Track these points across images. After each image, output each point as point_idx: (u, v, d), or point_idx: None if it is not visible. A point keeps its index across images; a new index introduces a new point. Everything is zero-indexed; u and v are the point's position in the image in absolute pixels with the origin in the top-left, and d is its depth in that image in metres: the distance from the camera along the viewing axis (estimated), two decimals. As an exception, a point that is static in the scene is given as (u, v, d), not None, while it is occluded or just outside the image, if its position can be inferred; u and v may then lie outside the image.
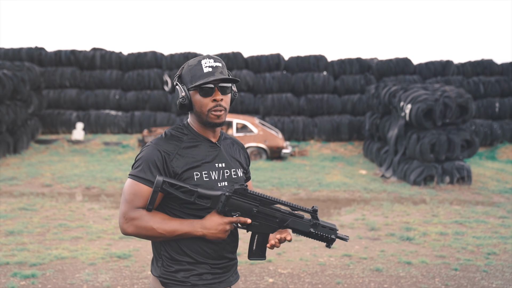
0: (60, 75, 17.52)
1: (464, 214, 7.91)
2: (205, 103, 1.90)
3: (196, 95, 1.91)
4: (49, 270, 4.86)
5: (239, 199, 1.84)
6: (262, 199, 1.87)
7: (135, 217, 1.81)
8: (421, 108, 10.75)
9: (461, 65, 18.03)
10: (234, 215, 1.85)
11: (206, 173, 1.92)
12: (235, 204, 1.84)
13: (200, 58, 1.92)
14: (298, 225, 1.92)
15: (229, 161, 2.03)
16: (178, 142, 1.93)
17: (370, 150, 13.99)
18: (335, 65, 18.10)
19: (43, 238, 6.06)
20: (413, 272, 5.08)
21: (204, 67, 1.89)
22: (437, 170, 10.60)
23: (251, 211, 1.86)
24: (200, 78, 1.87)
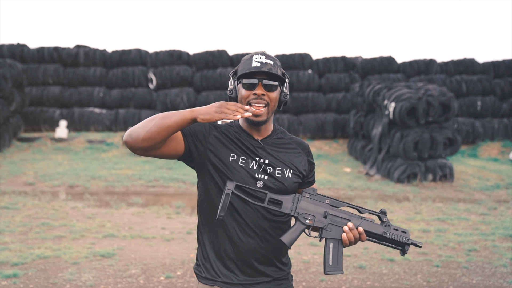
0: (43, 72, 17.30)
1: (446, 211, 8.02)
2: (245, 95, 1.89)
3: (240, 88, 1.91)
4: (31, 270, 4.82)
5: (309, 201, 1.81)
6: (332, 200, 1.84)
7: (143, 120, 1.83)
8: (405, 107, 10.85)
9: (444, 64, 18.24)
10: (306, 219, 1.81)
11: (244, 159, 1.91)
12: (307, 207, 1.80)
13: (254, 53, 1.93)
14: (371, 227, 1.84)
15: (274, 159, 1.96)
16: (226, 125, 1.97)
17: (354, 148, 14.09)
18: (320, 63, 18.15)
19: (25, 237, 6.00)
20: (395, 269, 5.14)
21: (254, 61, 1.89)
22: (420, 168, 10.71)
23: (323, 213, 1.82)
24: (246, 71, 1.89)
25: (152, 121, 1.77)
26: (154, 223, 6.95)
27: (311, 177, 2.08)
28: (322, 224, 1.83)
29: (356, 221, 1.84)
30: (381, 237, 1.84)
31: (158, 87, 17.86)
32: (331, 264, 1.85)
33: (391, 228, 1.84)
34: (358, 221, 1.84)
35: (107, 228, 6.61)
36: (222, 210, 1.73)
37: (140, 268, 5.00)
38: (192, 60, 18.06)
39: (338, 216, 1.83)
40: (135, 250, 5.61)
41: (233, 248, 1.89)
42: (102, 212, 7.60)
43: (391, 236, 1.83)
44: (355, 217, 1.85)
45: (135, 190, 9.57)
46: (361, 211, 1.87)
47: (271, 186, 1.90)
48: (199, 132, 1.91)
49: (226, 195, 1.74)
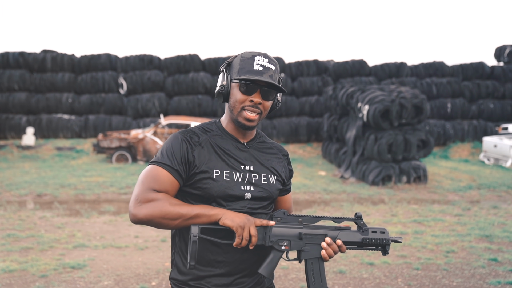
0: (8, 78, 16.80)
1: (422, 213, 8.02)
2: (241, 99, 1.76)
3: (235, 88, 1.77)
4: (-4, 285, 4.54)
5: (281, 225, 1.72)
6: (304, 218, 1.76)
7: (151, 198, 1.66)
8: (378, 109, 10.88)
9: (414, 67, 18.49)
10: (282, 245, 1.71)
11: (228, 172, 1.77)
12: (280, 232, 1.72)
13: (256, 53, 1.78)
14: (350, 237, 1.77)
15: (259, 165, 1.86)
16: (203, 133, 1.82)
17: (328, 151, 14.08)
18: (292, 67, 18.16)
19: (-10, 250, 5.69)
20: (376, 273, 5.06)
21: (256, 63, 1.75)
22: (395, 170, 10.75)
23: (297, 234, 1.73)
24: (247, 73, 1.74)
25: (175, 214, 1.66)
26: (127, 231, 6.71)
27: (288, 185, 2.02)
28: (299, 247, 1.75)
29: (333, 233, 1.77)
30: (361, 243, 1.79)
31: (129, 92, 17.55)
32: (315, 283, 1.79)
33: (369, 232, 1.79)
34: (335, 233, 1.77)
35: (77, 238, 6.35)
36: (192, 259, 1.64)
37: (113, 279, 4.78)
38: (164, 65, 17.82)
39: (314, 234, 1.76)
40: (107, 261, 5.38)
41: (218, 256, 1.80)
42: (72, 221, 7.32)
43: (370, 241, 1.78)
44: (331, 229, 1.79)
45: (106, 198, 9.28)
46: (336, 221, 1.80)
47: (258, 195, 1.81)
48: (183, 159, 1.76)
49: (193, 242, 1.62)
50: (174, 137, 1.80)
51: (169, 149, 1.76)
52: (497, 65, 18.73)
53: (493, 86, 17.93)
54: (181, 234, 1.84)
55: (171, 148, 1.76)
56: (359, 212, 1.79)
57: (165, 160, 1.74)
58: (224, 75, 1.80)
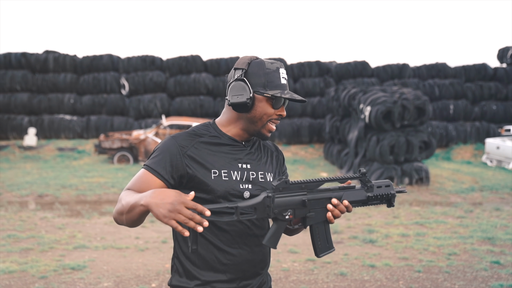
0: (10, 79, 16.81)
1: (424, 215, 7.99)
2: (270, 113, 1.76)
3: (264, 102, 1.74)
4: (-5, 286, 4.53)
5: (284, 195, 1.65)
6: (307, 185, 1.68)
7: (120, 197, 1.65)
8: (380, 110, 10.84)
9: (416, 68, 18.44)
10: (286, 215, 1.64)
11: (226, 172, 1.74)
12: (283, 202, 1.64)
13: (277, 64, 1.78)
14: (354, 196, 1.71)
15: (256, 163, 1.84)
16: (197, 136, 1.78)
17: (330, 152, 14.04)
18: (294, 68, 18.14)
19: (-10, 250, 5.68)
20: (377, 275, 5.02)
21: (281, 77, 1.76)
22: (397, 172, 10.71)
23: (302, 202, 1.66)
24: (277, 87, 1.74)
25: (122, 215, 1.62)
26: (128, 232, 6.69)
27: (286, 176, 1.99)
28: (303, 214, 1.69)
29: (338, 194, 1.71)
30: (366, 201, 1.73)
31: (131, 93, 17.55)
32: (321, 245, 1.76)
33: (374, 188, 1.73)
34: (340, 194, 1.71)
35: (78, 239, 6.33)
36: (194, 243, 1.55)
37: (113, 281, 4.76)
38: (166, 66, 17.82)
39: (318, 199, 1.69)
40: (108, 262, 5.36)
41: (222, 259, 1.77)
42: (72, 222, 7.31)
43: (376, 197, 1.73)
44: (336, 191, 1.72)
45: (107, 199, 9.27)
46: (340, 181, 1.74)
47: (256, 193, 1.78)
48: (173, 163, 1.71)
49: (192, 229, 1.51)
50: (168, 140, 1.76)
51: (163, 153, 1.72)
52: (500, 67, 18.68)
53: (496, 87, 17.87)
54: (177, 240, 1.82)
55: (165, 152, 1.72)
56: (363, 168, 1.72)
57: (151, 164, 1.70)
58: (248, 86, 1.73)
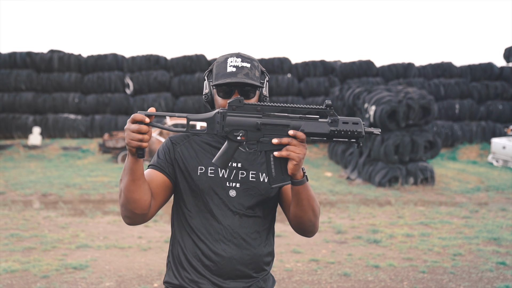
0: (15, 78, 16.84)
1: (428, 215, 7.92)
2: (222, 104, 1.74)
3: (215, 94, 1.77)
4: (-3, 285, 4.51)
5: (237, 114, 1.57)
6: (263, 107, 1.58)
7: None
8: (385, 110, 10.78)
9: (422, 68, 18.34)
10: (237, 136, 1.57)
11: (213, 169, 1.75)
12: (235, 122, 1.57)
13: (229, 55, 1.78)
14: (315, 128, 1.57)
15: (250, 162, 1.80)
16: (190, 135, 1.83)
17: (335, 152, 13.99)
18: (299, 67, 18.09)
19: (-7, 249, 5.67)
20: (381, 276, 4.98)
21: (229, 66, 1.73)
22: (402, 171, 10.64)
23: (256, 125, 1.57)
24: (221, 77, 1.72)
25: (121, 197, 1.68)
26: (131, 232, 6.67)
27: None
28: (256, 138, 1.59)
29: (296, 123, 1.58)
30: (329, 135, 1.59)
31: (135, 92, 17.55)
32: (274, 175, 1.62)
33: (340, 122, 1.58)
34: (299, 123, 1.58)
35: (80, 238, 6.31)
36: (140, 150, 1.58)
37: (115, 281, 4.74)
38: (170, 65, 17.81)
39: (274, 124, 1.58)
40: (110, 261, 5.34)
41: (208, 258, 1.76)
42: (76, 221, 7.29)
43: (340, 133, 1.58)
44: (295, 119, 1.59)
45: (111, 198, 9.26)
46: (303, 111, 1.61)
47: (244, 193, 1.76)
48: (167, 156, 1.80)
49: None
50: (165, 140, 1.86)
51: (158, 150, 1.84)
52: (506, 66, 18.54)
53: (502, 87, 17.74)
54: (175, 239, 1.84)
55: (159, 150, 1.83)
56: (329, 100, 1.58)
57: (153, 162, 1.81)
58: (206, 84, 1.80)
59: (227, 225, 1.73)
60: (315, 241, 6.27)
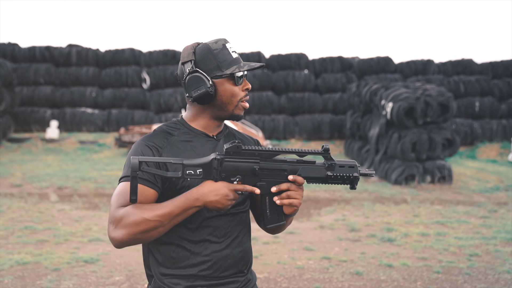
0: (34, 72, 17.03)
1: (445, 214, 7.77)
2: (236, 92, 1.67)
3: (226, 84, 1.65)
4: (7, 277, 4.53)
5: (234, 160, 1.53)
6: (261, 153, 1.55)
7: (121, 216, 1.48)
8: (403, 107, 10.62)
9: (441, 65, 18.05)
10: (234, 181, 1.53)
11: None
12: (232, 167, 1.52)
13: (222, 41, 1.68)
14: (312, 172, 1.59)
15: None
16: (168, 135, 1.66)
17: (351, 149, 13.85)
18: (316, 63, 17.95)
19: (6, 241, 5.71)
20: (394, 275, 4.88)
21: (231, 52, 1.67)
22: (418, 170, 10.48)
23: (253, 170, 1.54)
24: (232, 63, 1.65)
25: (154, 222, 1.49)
26: (143, 226, 6.67)
27: None
28: (253, 183, 1.57)
29: (294, 167, 1.59)
30: (325, 179, 1.60)
31: (152, 87, 17.61)
32: (269, 216, 1.63)
33: (336, 166, 1.60)
34: (296, 167, 1.59)
35: (93, 231, 6.33)
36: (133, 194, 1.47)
37: (125, 275, 4.73)
38: (187, 60, 17.80)
39: (271, 169, 1.57)
40: (121, 256, 5.33)
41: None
42: (89, 214, 7.32)
43: (336, 177, 1.60)
44: (292, 163, 1.59)
45: (125, 192, 9.27)
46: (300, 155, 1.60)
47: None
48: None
49: (133, 178, 1.46)
50: (137, 145, 1.64)
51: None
52: (528, 63, 18.13)
53: (524, 84, 17.37)
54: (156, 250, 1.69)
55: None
56: (326, 145, 1.58)
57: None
58: (203, 76, 1.62)
59: (220, 225, 1.67)
60: (328, 239, 6.19)
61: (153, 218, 1.47)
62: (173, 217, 1.49)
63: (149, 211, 1.48)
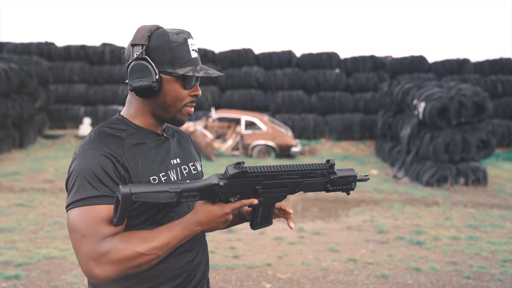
0: (69, 70, 17.40)
1: (478, 218, 7.53)
2: (183, 96, 1.48)
3: (173, 84, 1.46)
4: (34, 271, 4.61)
5: (237, 182, 1.39)
6: (266, 175, 1.45)
7: (107, 251, 1.29)
8: (435, 107, 10.34)
9: (478, 64, 17.54)
10: (232, 200, 1.40)
11: (164, 174, 1.49)
12: (233, 189, 1.40)
13: (184, 35, 1.48)
14: (313, 187, 1.57)
15: (182, 155, 1.63)
16: (119, 140, 1.44)
17: (382, 149, 13.61)
18: (348, 62, 17.73)
19: (35, 236, 5.82)
20: (421, 279, 4.73)
21: (191, 50, 1.48)
22: (451, 171, 10.19)
23: (254, 190, 1.45)
24: (187, 63, 1.45)
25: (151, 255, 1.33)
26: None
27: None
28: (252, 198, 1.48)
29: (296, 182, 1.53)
30: (326, 190, 1.60)
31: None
32: (259, 221, 1.61)
33: (337, 181, 1.59)
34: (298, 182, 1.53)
35: (120, 228, 6.39)
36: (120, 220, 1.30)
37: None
38: (218, 59, 17.88)
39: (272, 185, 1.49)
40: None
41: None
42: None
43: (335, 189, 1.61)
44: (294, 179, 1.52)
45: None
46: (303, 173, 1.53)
47: None
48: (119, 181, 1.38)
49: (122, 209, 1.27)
50: (91, 155, 1.37)
51: (90, 172, 1.35)
52: None
53: None
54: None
55: (92, 170, 1.35)
56: (332, 159, 1.56)
57: (96, 190, 1.34)
58: (151, 67, 1.41)
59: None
60: (355, 240, 6.07)
61: (149, 252, 1.31)
62: (170, 247, 1.36)
63: (142, 243, 1.32)
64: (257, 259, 5.21)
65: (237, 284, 4.50)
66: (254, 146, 13.18)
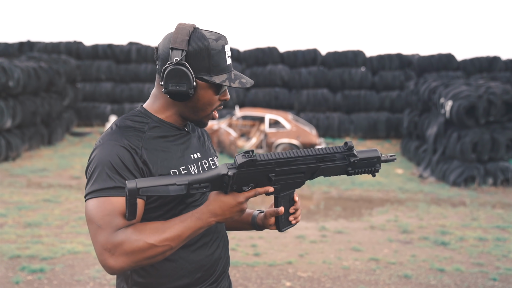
0: (97, 69, 17.67)
1: (507, 219, 7.34)
2: (214, 101, 1.50)
3: (207, 90, 1.47)
4: (58, 265, 4.69)
5: (247, 171, 1.36)
6: (278, 161, 1.41)
7: (120, 242, 1.29)
8: (463, 105, 10.13)
9: (509, 61, 17.10)
10: (245, 189, 1.37)
11: (185, 168, 1.50)
12: (245, 178, 1.37)
13: (223, 41, 1.47)
14: (332, 172, 1.50)
15: (203, 149, 1.64)
16: (139, 132, 1.45)
17: (408, 148, 13.41)
18: (373, 60, 17.52)
19: (60, 231, 5.94)
20: (445, 280, 4.64)
21: (227, 56, 1.48)
22: (479, 171, 9.96)
23: (268, 178, 1.41)
24: (223, 71, 1.46)
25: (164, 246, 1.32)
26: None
27: None
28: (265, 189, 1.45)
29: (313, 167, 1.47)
30: (347, 174, 1.53)
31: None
32: (284, 220, 1.61)
33: (359, 162, 1.52)
34: (315, 167, 1.47)
35: (143, 224, 6.46)
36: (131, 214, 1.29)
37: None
38: (243, 57, 17.90)
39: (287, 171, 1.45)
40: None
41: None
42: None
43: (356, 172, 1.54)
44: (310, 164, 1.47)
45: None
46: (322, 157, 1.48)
47: None
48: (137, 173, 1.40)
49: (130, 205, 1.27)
50: (110, 146, 1.39)
51: (109, 163, 1.36)
52: None
53: None
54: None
55: (111, 162, 1.37)
56: (350, 142, 1.49)
57: (113, 182, 1.35)
58: (189, 73, 1.41)
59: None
60: (378, 240, 6.00)
61: (161, 243, 1.31)
62: (183, 239, 1.35)
63: (154, 234, 1.32)
64: (278, 257, 5.19)
65: (257, 282, 4.49)
66: (278, 144, 13.15)
